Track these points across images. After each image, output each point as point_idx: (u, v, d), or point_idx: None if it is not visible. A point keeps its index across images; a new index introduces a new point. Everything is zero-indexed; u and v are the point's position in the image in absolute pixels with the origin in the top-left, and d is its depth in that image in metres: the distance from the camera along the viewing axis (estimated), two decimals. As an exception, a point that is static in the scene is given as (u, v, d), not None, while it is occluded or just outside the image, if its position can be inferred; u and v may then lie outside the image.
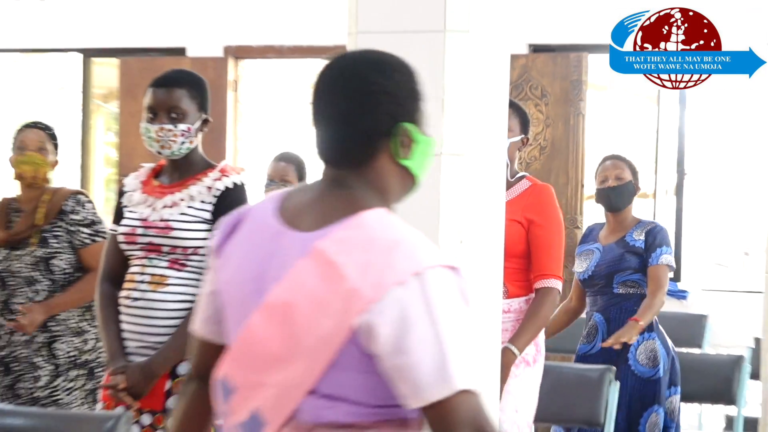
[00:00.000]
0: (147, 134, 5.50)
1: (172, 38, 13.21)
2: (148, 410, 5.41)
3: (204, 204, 5.46)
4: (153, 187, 5.54)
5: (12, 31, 13.89)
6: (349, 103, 3.16)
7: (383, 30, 4.91)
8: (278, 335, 3.11)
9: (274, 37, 12.93)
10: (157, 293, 5.40)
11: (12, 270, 6.47)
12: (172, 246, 5.44)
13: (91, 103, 14.10)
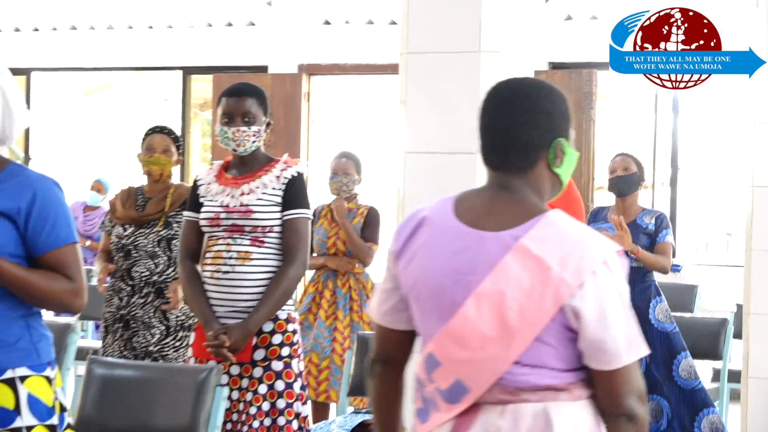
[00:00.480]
0: (223, 135, 5.54)
1: (256, 58, 13.24)
2: (237, 362, 5.43)
3: (275, 190, 5.50)
4: (227, 180, 5.58)
5: (127, 53, 13.93)
6: (518, 119, 3.24)
7: (428, 50, 4.91)
8: (489, 319, 3.17)
9: (340, 56, 12.94)
10: (244, 266, 5.45)
11: (137, 244, 6.53)
12: (252, 226, 5.48)
13: (190, 112, 14.14)
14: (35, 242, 3.90)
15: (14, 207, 3.87)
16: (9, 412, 3.87)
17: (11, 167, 3.95)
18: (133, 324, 6.54)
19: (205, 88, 14.00)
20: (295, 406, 5.42)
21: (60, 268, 3.92)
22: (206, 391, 5.00)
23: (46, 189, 3.92)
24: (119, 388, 5.19)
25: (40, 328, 3.98)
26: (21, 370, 3.90)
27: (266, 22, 13.27)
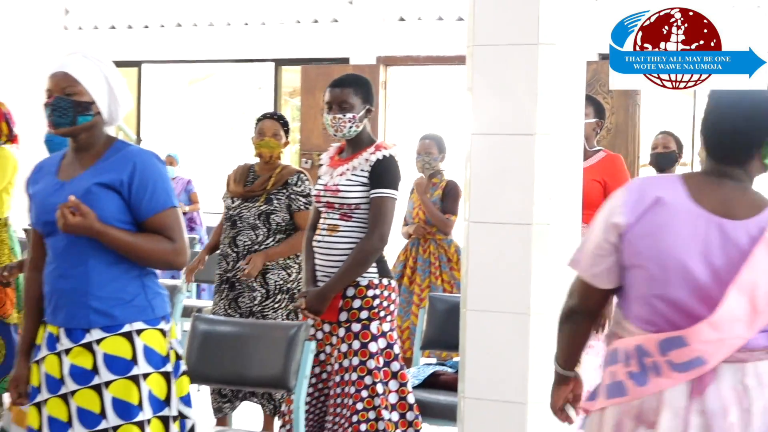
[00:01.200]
0: (326, 122, 5.59)
1: (339, 51, 13.23)
2: (327, 321, 5.46)
3: (363, 172, 5.49)
4: (335, 161, 5.63)
5: (225, 47, 13.95)
6: (747, 122, 3.38)
7: (492, 43, 4.88)
8: (744, 305, 3.25)
9: (413, 49, 12.90)
10: (332, 237, 5.49)
11: (242, 216, 6.58)
12: (340, 203, 5.49)
13: (281, 99, 14.15)
14: (138, 209, 3.94)
15: (117, 179, 3.93)
16: (127, 362, 3.91)
17: (116, 144, 4.05)
18: (237, 286, 6.60)
19: (294, 78, 14.01)
20: (368, 363, 5.40)
21: (161, 231, 3.96)
22: (296, 345, 5.00)
23: (144, 160, 3.97)
24: (219, 341, 5.21)
25: (155, 287, 4.03)
26: (137, 324, 3.94)
27: (348, 19, 13.27)
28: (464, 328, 4.95)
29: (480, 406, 4.92)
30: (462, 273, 5.01)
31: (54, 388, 3.97)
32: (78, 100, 3.96)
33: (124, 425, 3.88)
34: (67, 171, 4.05)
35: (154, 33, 14.27)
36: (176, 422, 3.99)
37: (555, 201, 4.86)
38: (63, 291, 3.97)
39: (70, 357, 3.94)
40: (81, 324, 3.93)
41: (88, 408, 3.91)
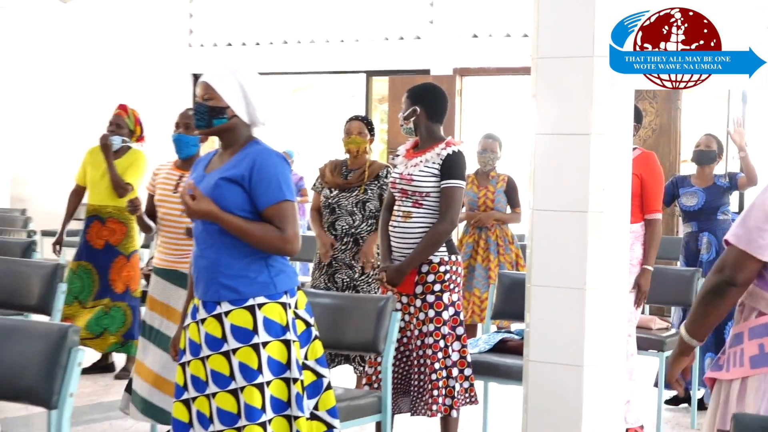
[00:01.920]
0: (400, 123, 5.76)
1: (421, 63, 13.24)
2: (404, 293, 5.49)
3: (434, 164, 5.55)
4: (410, 153, 5.69)
5: (324, 60, 14.03)
6: None
7: (553, 56, 4.87)
8: None
9: (485, 62, 12.87)
10: (406, 222, 5.55)
11: (340, 204, 6.66)
12: (413, 191, 5.55)
13: (371, 105, 14.20)
14: (256, 200, 3.98)
15: (239, 174, 3.97)
16: (249, 332, 3.95)
17: (250, 143, 4.10)
18: (335, 264, 6.66)
19: (383, 87, 14.03)
20: (442, 329, 5.50)
21: (273, 220, 3.98)
22: (385, 315, 5.02)
23: (264, 158, 4.01)
24: (320, 311, 5.24)
25: (279, 265, 4.04)
26: (260, 298, 3.97)
27: (429, 36, 13.28)
28: (529, 301, 4.95)
29: (542, 368, 4.92)
30: (527, 253, 5.01)
31: (195, 352, 4.04)
32: (213, 105, 4.02)
33: (247, 386, 3.91)
34: (212, 165, 4.12)
35: (264, 49, 14.37)
36: (297, 384, 3.99)
37: (607, 192, 4.84)
38: (200, 268, 4.04)
39: (205, 326, 4.00)
40: (213, 297, 3.99)
41: (219, 371, 3.95)
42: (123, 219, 7.99)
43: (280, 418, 3.96)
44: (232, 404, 3.92)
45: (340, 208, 6.66)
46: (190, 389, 4.03)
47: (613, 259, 4.91)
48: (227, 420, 3.92)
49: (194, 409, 4.02)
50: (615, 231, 4.90)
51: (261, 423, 3.89)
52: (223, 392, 3.94)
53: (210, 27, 14.79)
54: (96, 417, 7.11)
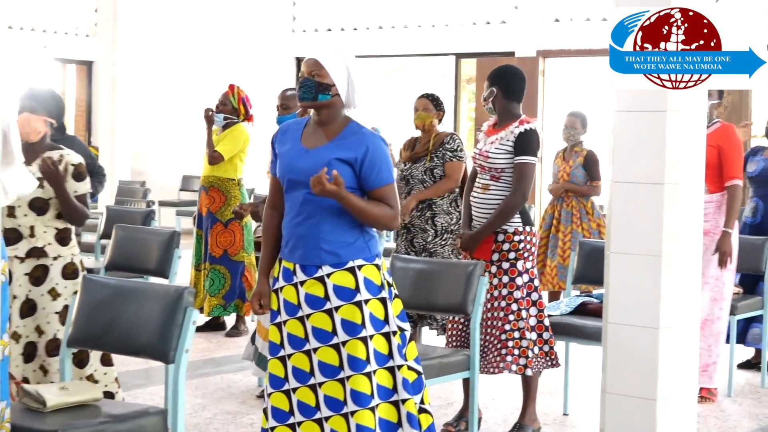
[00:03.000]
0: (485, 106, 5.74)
1: (506, 46, 13.17)
2: (480, 260, 5.49)
3: (508, 141, 5.52)
4: (490, 131, 5.68)
5: (416, 44, 14.02)
6: None
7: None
8: None
9: (567, 43, 12.75)
10: (484, 194, 5.54)
11: (413, 174, 6.66)
12: (489, 166, 5.54)
13: (460, 85, 14.14)
14: (366, 181, 4.03)
15: (353, 156, 4.02)
16: (352, 291, 4.00)
17: (352, 125, 4.13)
18: (412, 229, 6.66)
19: (471, 68, 13.98)
20: (515, 293, 5.51)
21: (382, 200, 4.04)
22: (473, 280, 5.01)
23: (375, 144, 4.06)
24: (412, 276, 5.24)
25: (371, 232, 4.12)
26: (358, 261, 4.04)
27: (514, 20, 13.19)
28: (608, 267, 4.91)
29: (620, 329, 4.88)
30: (607, 222, 4.97)
31: (292, 312, 4.06)
32: (320, 81, 4.04)
33: (350, 340, 3.95)
34: (310, 140, 4.11)
35: (361, 33, 14.40)
36: (396, 336, 4.04)
37: (682, 165, 4.77)
38: (300, 236, 4.05)
39: (305, 287, 4.03)
40: (314, 261, 4.02)
41: (321, 327, 3.99)
42: (222, 188, 8.10)
43: (384, 370, 4.00)
44: (334, 358, 3.96)
45: (413, 179, 6.68)
46: (287, 347, 4.06)
47: (687, 227, 4.84)
48: (329, 372, 3.96)
49: (290, 365, 4.05)
50: (689, 202, 4.82)
51: (366, 373, 3.94)
52: (325, 347, 3.97)
53: (311, 14, 14.87)
54: (208, 371, 7.20)
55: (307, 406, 4.00)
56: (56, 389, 3.74)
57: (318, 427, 3.99)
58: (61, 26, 15.25)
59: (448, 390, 6.62)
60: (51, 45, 15.07)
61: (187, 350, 3.75)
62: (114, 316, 3.93)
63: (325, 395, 3.96)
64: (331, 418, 3.95)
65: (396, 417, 4.00)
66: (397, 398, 4.00)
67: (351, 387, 3.92)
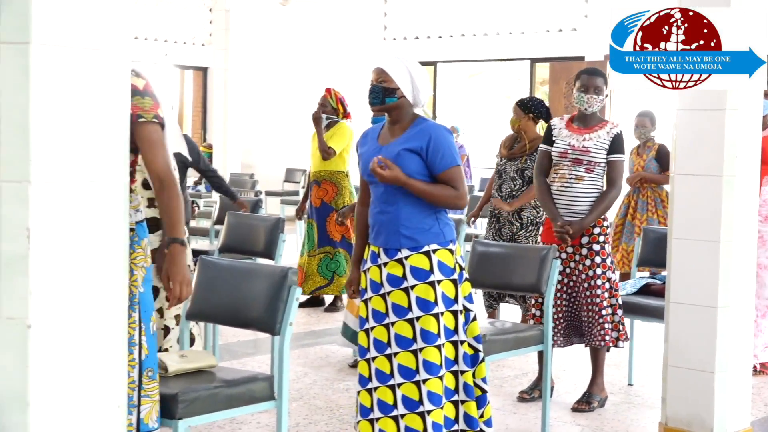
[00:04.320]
0: (580, 99, 5.57)
1: (577, 51, 13.01)
2: (572, 244, 5.47)
3: (605, 140, 5.49)
4: (573, 128, 5.59)
5: (494, 50, 13.93)
6: None
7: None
8: None
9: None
10: (579, 185, 5.47)
11: (506, 170, 6.59)
12: (588, 160, 5.48)
13: (534, 87, 14.02)
14: (433, 166, 4.03)
15: (419, 146, 4.03)
16: (426, 272, 4.01)
17: (418, 120, 4.15)
18: (501, 220, 6.60)
19: (544, 72, 13.85)
20: (607, 272, 5.52)
21: (448, 182, 4.04)
22: (546, 262, 4.96)
23: (438, 132, 4.06)
24: (492, 259, 5.21)
25: (445, 219, 4.12)
26: (433, 245, 4.04)
27: (584, 27, 13.03)
28: (671, 252, 4.85)
29: (681, 308, 4.82)
30: (669, 211, 4.91)
31: (375, 290, 4.10)
32: (386, 86, 4.08)
33: (424, 316, 3.97)
34: (384, 138, 4.17)
35: (445, 41, 14.35)
36: (462, 314, 4.06)
37: (739, 158, 4.69)
38: (382, 222, 4.09)
39: (387, 268, 4.06)
40: (395, 245, 4.05)
41: (399, 303, 4.03)
42: (334, 180, 8.17)
43: (449, 343, 4.03)
44: (409, 331, 3.99)
45: (505, 174, 6.62)
46: (371, 320, 4.11)
47: (743, 216, 4.76)
48: (404, 344, 4.00)
49: (372, 336, 4.10)
50: (745, 192, 4.75)
51: (437, 345, 3.97)
52: (402, 321, 4.01)
53: (401, 23, 14.85)
54: (308, 342, 7.25)
55: (383, 373, 4.05)
56: (176, 357, 3.79)
57: (390, 392, 4.02)
58: (181, 36, 15.45)
59: (523, 361, 6.59)
60: (171, 53, 15.28)
61: (291, 323, 3.78)
62: (227, 293, 3.97)
63: (399, 364, 4.00)
64: (402, 385, 3.99)
65: (454, 385, 4.06)
66: (457, 369, 4.05)
67: (423, 357, 3.96)
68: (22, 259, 2.51)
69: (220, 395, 3.63)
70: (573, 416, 5.52)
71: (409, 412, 3.96)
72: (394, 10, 14.89)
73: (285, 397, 3.75)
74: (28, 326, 2.52)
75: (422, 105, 4.16)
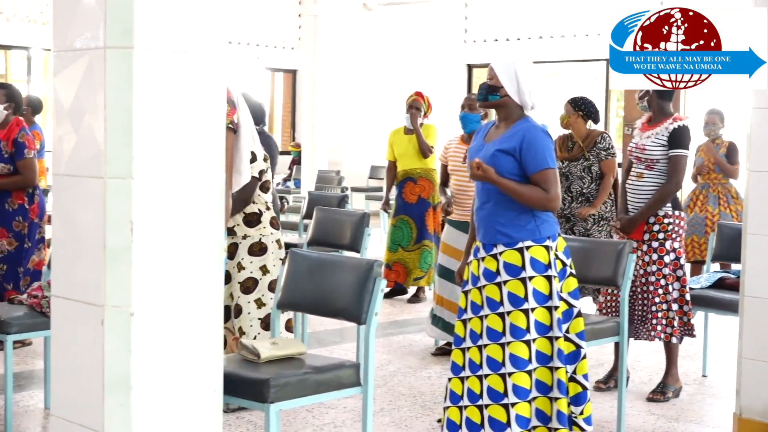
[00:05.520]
0: (640, 104, 5.56)
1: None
2: (634, 240, 5.38)
3: (663, 136, 5.36)
4: (645, 127, 5.53)
5: (572, 51, 13.80)
6: None
7: None
8: None
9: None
10: (639, 181, 5.41)
11: (571, 171, 6.51)
12: (645, 158, 5.39)
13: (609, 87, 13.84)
14: (525, 167, 3.99)
15: (512, 146, 4.00)
16: (518, 268, 3.98)
17: (521, 121, 4.09)
18: (572, 219, 6.54)
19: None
20: (663, 269, 5.41)
21: (540, 183, 3.98)
22: (623, 256, 4.89)
23: (532, 133, 4.01)
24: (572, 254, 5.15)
25: (543, 216, 4.04)
26: (527, 242, 3.99)
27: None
28: (745, 246, 4.75)
29: (755, 302, 4.72)
30: (744, 207, 4.80)
31: (474, 282, 4.10)
32: (491, 84, 4.08)
33: (513, 311, 3.94)
34: (491, 136, 4.15)
35: (523, 42, 14.24)
36: (558, 311, 3.97)
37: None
38: (481, 218, 4.09)
39: (484, 262, 4.05)
40: (490, 240, 4.04)
41: (492, 297, 4.00)
42: (429, 177, 8.23)
43: (544, 338, 3.96)
44: (499, 325, 3.95)
45: (571, 175, 6.55)
46: (468, 311, 4.09)
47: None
48: (493, 337, 3.96)
49: (468, 327, 4.07)
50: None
51: (525, 341, 3.91)
52: (494, 314, 3.97)
53: (481, 26, 14.78)
54: (392, 331, 7.26)
55: (474, 363, 4.02)
56: (268, 344, 3.82)
57: (478, 382, 3.99)
58: (271, 40, 15.59)
59: (599, 352, 6.51)
60: (263, 56, 15.43)
61: (376, 313, 3.78)
62: (315, 283, 3.99)
63: (487, 356, 3.96)
64: (489, 376, 3.95)
65: (550, 380, 3.98)
66: (552, 365, 3.98)
67: (510, 351, 3.91)
68: (126, 251, 2.55)
69: (309, 381, 3.64)
70: (648, 406, 5.44)
71: (493, 403, 3.92)
72: (475, 13, 14.83)
73: (371, 383, 3.75)
74: (131, 314, 2.56)
75: (531, 107, 4.10)
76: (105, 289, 2.56)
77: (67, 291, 2.69)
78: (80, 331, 2.64)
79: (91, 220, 2.59)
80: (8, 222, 6.07)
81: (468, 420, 3.98)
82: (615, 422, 4.94)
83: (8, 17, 12.89)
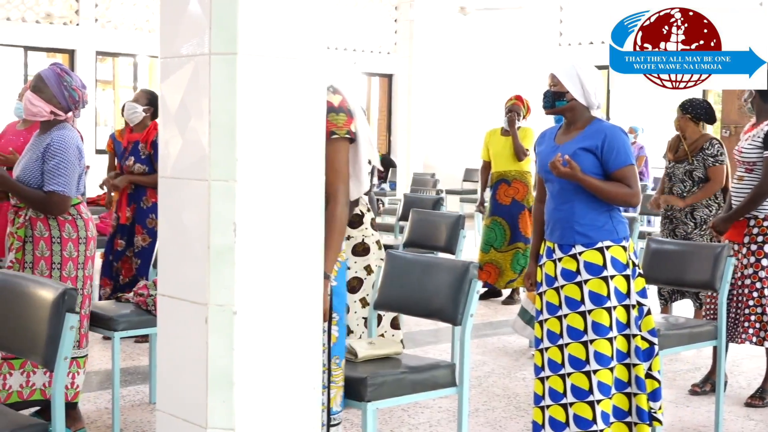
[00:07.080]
0: (746, 106, 5.42)
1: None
2: (734, 242, 5.24)
3: (758, 138, 5.22)
4: (748, 129, 5.43)
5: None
6: None
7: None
8: None
9: None
10: (739, 184, 5.28)
11: (675, 173, 6.32)
12: (743, 160, 5.27)
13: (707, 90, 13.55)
14: (607, 165, 3.97)
15: (593, 145, 3.99)
16: (600, 267, 3.96)
17: (595, 122, 4.08)
18: (674, 220, 6.39)
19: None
20: (759, 272, 5.27)
21: (622, 180, 3.97)
22: (721, 260, 4.77)
23: (612, 132, 4.00)
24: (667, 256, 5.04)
25: (619, 217, 4.05)
26: (606, 242, 3.99)
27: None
28: None
29: None
30: None
31: (550, 283, 4.08)
32: (556, 91, 4.07)
33: (596, 309, 3.92)
34: (561, 138, 4.13)
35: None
36: (635, 309, 3.98)
37: None
38: (557, 219, 4.06)
39: (562, 263, 4.03)
40: (569, 241, 4.02)
41: (572, 297, 3.98)
42: (524, 180, 8.19)
43: (621, 336, 3.97)
44: (580, 323, 3.95)
45: (674, 177, 6.40)
46: (545, 312, 4.10)
47: None
48: (575, 335, 3.96)
49: (545, 328, 4.08)
50: None
51: (608, 338, 3.91)
52: (574, 313, 3.97)
53: (575, 29, 14.63)
54: (487, 333, 7.23)
55: (554, 363, 4.03)
56: (365, 344, 3.83)
57: (561, 381, 3.99)
58: (368, 46, 15.68)
59: (697, 356, 6.37)
60: (360, 61, 15.53)
61: (472, 315, 3.76)
62: (411, 284, 3.99)
63: (569, 355, 3.97)
64: (572, 375, 3.95)
65: (627, 377, 3.99)
66: (629, 362, 3.98)
67: (594, 349, 3.91)
68: (229, 251, 2.58)
69: (406, 380, 3.65)
70: (746, 411, 5.30)
71: (578, 400, 3.93)
72: (569, 16, 14.68)
73: (466, 384, 3.74)
74: (234, 312, 2.59)
75: (597, 106, 4.08)
76: (209, 288, 2.59)
77: (172, 290, 2.74)
78: (185, 328, 2.68)
79: (196, 221, 2.63)
80: (143, 219, 6.29)
81: (551, 419, 4.00)
82: (713, 427, 4.83)
83: (116, 26, 13.25)
